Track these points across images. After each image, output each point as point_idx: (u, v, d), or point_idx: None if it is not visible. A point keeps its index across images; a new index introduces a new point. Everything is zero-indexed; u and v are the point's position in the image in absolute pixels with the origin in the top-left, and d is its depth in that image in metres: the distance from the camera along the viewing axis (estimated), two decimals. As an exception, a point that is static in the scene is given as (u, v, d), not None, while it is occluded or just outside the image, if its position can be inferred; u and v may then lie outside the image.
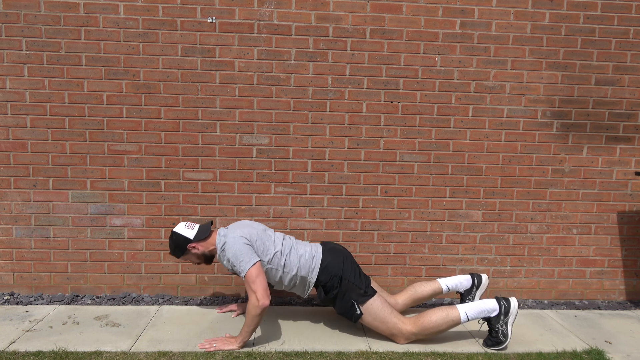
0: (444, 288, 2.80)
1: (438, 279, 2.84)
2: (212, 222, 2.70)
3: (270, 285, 2.63)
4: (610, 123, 3.18)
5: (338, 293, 2.56)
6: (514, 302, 2.51)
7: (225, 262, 2.53)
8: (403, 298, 2.78)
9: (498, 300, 2.51)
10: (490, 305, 2.50)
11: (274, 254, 2.54)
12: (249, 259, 2.42)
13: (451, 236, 3.22)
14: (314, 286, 2.62)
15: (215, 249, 2.58)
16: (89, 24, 2.92)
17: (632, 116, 3.18)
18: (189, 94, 3.01)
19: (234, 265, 2.45)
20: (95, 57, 2.95)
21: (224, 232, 2.57)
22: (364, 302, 2.53)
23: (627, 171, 3.23)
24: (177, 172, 3.07)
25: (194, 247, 2.58)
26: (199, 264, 2.69)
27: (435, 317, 2.49)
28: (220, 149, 3.07)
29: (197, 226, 2.63)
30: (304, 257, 2.58)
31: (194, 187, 3.08)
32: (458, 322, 2.49)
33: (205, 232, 2.61)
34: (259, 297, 2.35)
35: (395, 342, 2.55)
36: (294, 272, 2.56)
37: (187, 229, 2.60)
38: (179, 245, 2.59)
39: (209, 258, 2.66)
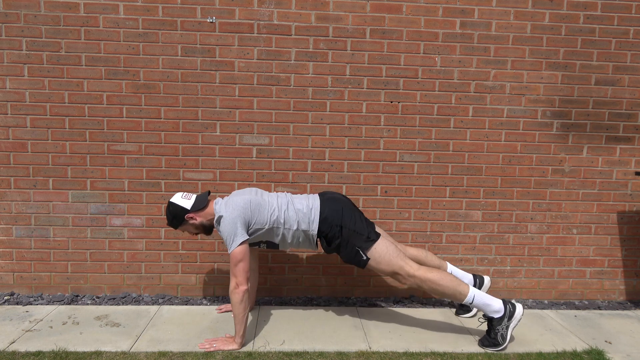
0: (449, 271, 2.80)
1: (448, 263, 2.86)
2: (209, 192, 2.67)
3: (274, 245, 2.63)
4: (610, 123, 3.18)
5: (341, 242, 2.53)
6: (519, 308, 2.50)
7: (220, 233, 2.52)
8: (411, 253, 2.76)
9: (505, 302, 2.50)
10: (496, 305, 2.49)
11: (271, 214, 2.52)
12: (236, 238, 2.41)
13: (451, 236, 3.22)
14: (317, 237, 2.60)
15: (213, 218, 2.57)
16: (89, 24, 2.92)
17: (632, 116, 3.18)
18: (189, 94, 3.01)
19: (224, 239, 2.45)
20: (95, 57, 2.95)
21: (220, 202, 2.55)
22: (368, 247, 2.51)
23: (627, 171, 3.23)
24: (177, 172, 3.07)
25: (191, 218, 2.56)
26: (197, 234, 2.67)
27: (447, 280, 2.49)
28: (220, 149, 3.07)
29: (194, 196, 2.60)
30: (301, 211, 2.55)
31: (194, 187, 3.08)
32: (461, 299, 2.49)
33: (202, 202, 2.58)
34: (239, 282, 2.37)
35: (398, 282, 2.54)
36: (294, 227, 2.55)
37: (184, 199, 2.57)
38: (176, 215, 2.56)
39: (208, 228, 2.63)
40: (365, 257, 2.51)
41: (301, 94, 3.05)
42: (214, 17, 2.95)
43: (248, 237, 2.47)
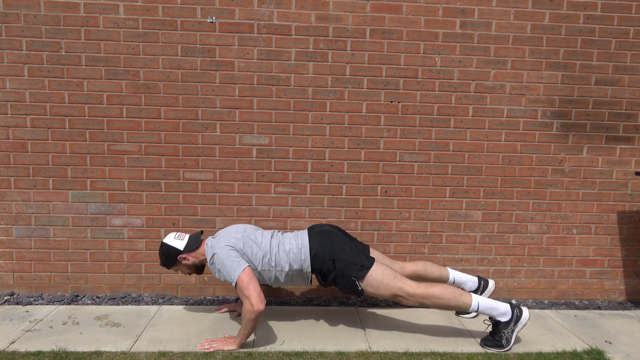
0: (451, 279, 2.80)
1: (449, 268, 2.84)
2: (201, 232, 2.71)
3: (267, 285, 2.63)
4: (610, 123, 3.18)
5: (336, 275, 2.53)
6: (526, 313, 2.50)
7: (217, 274, 2.52)
8: (410, 269, 2.75)
9: (512, 307, 2.50)
10: (502, 308, 2.48)
11: (263, 256, 2.52)
12: (237, 266, 2.40)
13: (451, 236, 3.22)
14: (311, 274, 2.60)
15: (205, 259, 2.58)
16: (89, 24, 2.92)
17: (632, 116, 3.18)
18: (189, 94, 3.01)
19: (225, 276, 2.45)
20: (95, 57, 2.95)
21: (211, 242, 2.55)
22: (363, 276, 2.50)
23: (627, 171, 3.23)
24: (177, 172, 3.07)
25: (184, 258, 2.59)
26: (189, 274, 2.69)
27: (449, 292, 2.48)
28: (220, 149, 3.07)
29: (186, 236, 2.64)
30: (292, 251, 2.55)
31: (194, 187, 3.08)
32: (465, 309, 2.48)
33: (195, 243, 2.61)
34: (254, 302, 2.33)
35: (400, 304, 2.53)
36: (287, 269, 2.54)
37: (176, 240, 2.61)
38: (169, 256, 2.60)
39: (199, 268, 2.66)
40: (360, 288, 2.51)
41: (301, 94, 3.05)
42: (214, 17, 2.95)
43: (248, 264, 2.45)
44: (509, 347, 2.49)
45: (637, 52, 3.13)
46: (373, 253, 2.70)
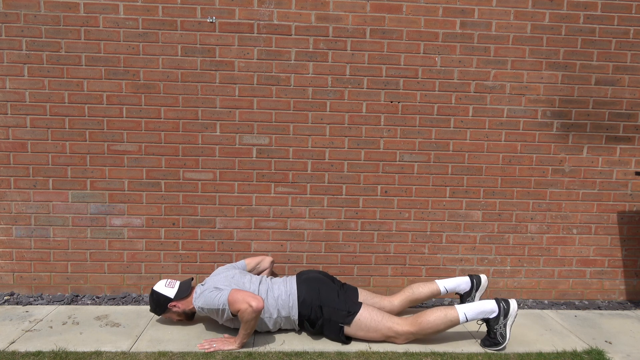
0: (442, 290, 2.79)
1: (436, 281, 2.83)
2: (192, 279, 2.73)
3: (256, 332, 2.61)
4: (610, 123, 3.18)
5: (324, 322, 2.53)
6: (513, 304, 2.50)
7: (207, 313, 2.53)
8: (400, 299, 2.77)
9: (497, 301, 2.50)
10: (489, 307, 2.49)
11: None
12: (223, 292, 2.42)
13: (451, 236, 3.22)
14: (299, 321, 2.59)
15: (195, 307, 2.58)
16: (89, 24, 2.92)
17: (632, 116, 3.18)
18: (189, 94, 3.01)
19: (217, 312, 2.45)
20: (95, 57, 2.95)
21: (199, 290, 2.56)
22: (350, 321, 2.50)
23: (627, 171, 3.23)
24: (177, 172, 3.06)
25: (174, 306, 2.61)
26: (180, 320, 2.70)
27: (434, 317, 2.49)
28: (220, 149, 3.07)
29: (177, 284, 2.66)
30: (280, 298, 2.55)
31: (194, 187, 3.08)
32: (457, 323, 2.49)
33: (185, 291, 2.63)
34: (253, 303, 2.33)
35: (394, 343, 2.55)
36: (275, 315, 2.54)
37: (167, 288, 2.63)
38: (159, 304, 2.62)
39: (189, 315, 2.69)
40: (344, 337, 2.51)
41: (301, 94, 3.05)
42: (214, 17, 2.95)
43: (231, 287, 2.46)
44: (505, 343, 2.49)
45: (637, 52, 3.13)
46: (362, 294, 2.71)
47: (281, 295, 2.57)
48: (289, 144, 3.08)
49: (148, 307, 2.96)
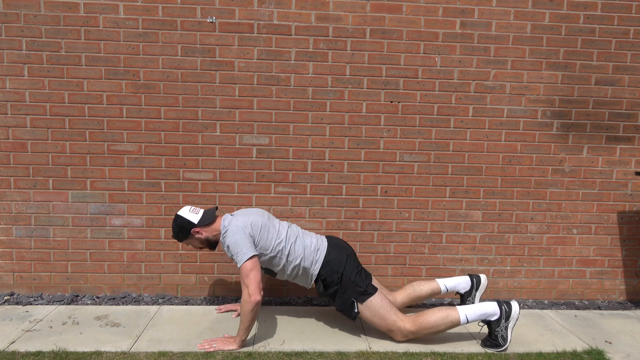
0: (443, 288, 2.79)
1: (437, 279, 2.83)
2: (216, 208, 2.69)
3: (272, 273, 2.63)
4: (610, 123, 3.18)
5: (338, 290, 2.55)
6: (515, 306, 2.49)
7: (225, 249, 2.52)
8: (401, 296, 2.77)
9: (499, 304, 2.49)
10: (491, 309, 2.49)
11: (278, 243, 2.52)
12: (246, 251, 2.40)
13: (451, 236, 3.22)
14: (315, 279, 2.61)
15: (219, 234, 2.57)
16: (89, 24, 2.92)
17: (632, 116, 3.18)
18: (189, 94, 3.01)
19: (232, 254, 2.45)
20: (95, 57, 2.95)
21: (229, 219, 2.54)
22: (363, 300, 2.53)
23: (627, 171, 3.23)
24: (177, 172, 3.07)
25: (197, 232, 2.57)
26: (201, 248, 2.68)
27: (435, 317, 2.49)
28: (220, 149, 3.07)
29: (201, 211, 2.61)
30: (308, 248, 2.56)
31: (194, 187, 3.08)
32: (457, 324, 2.49)
33: (210, 218, 2.58)
34: (251, 292, 2.35)
35: (393, 339, 2.55)
36: (297, 262, 2.55)
37: (191, 213, 2.58)
38: (183, 229, 2.57)
39: (212, 244, 2.64)
40: (356, 310, 2.53)
41: (301, 94, 3.05)
42: (214, 17, 2.95)
43: (256, 253, 2.45)
44: (506, 345, 2.49)
45: (637, 52, 3.13)
46: (374, 282, 2.71)
47: (310, 246, 2.57)
48: (289, 144, 3.08)
49: (148, 307, 2.96)
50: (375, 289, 2.57)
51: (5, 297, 3.04)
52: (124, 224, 3.09)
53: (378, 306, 2.53)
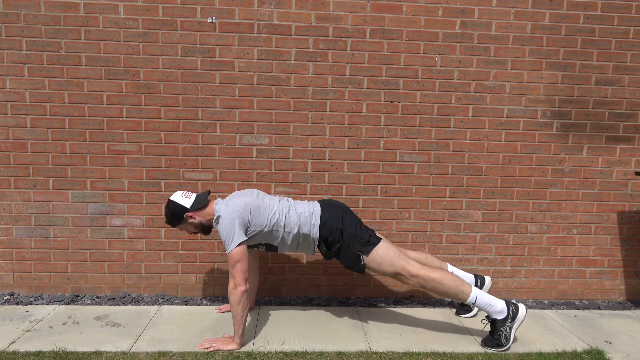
0: (450, 270, 2.79)
1: (448, 264, 2.85)
2: (209, 192, 2.67)
3: (274, 248, 2.63)
4: (610, 123, 3.18)
5: (341, 246, 2.54)
6: (522, 309, 2.50)
7: (219, 234, 2.52)
8: (412, 255, 2.75)
9: (508, 303, 2.49)
10: (499, 305, 2.49)
11: (272, 216, 2.52)
12: (235, 239, 2.40)
13: (451, 236, 3.22)
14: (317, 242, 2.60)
15: (212, 219, 2.56)
16: (89, 24, 2.92)
17: (632, 116, 3.18)
18: (189, 94, 3.01)
19: (223, 240, 2.46)
20: (95, 57, 2.95)
21: (220, 202, 2.55)
22: (368, 251, 2.51)
23: (627, 171, 3.23)
24: (177, 172, 3.07)
25: (190, 217, 2.56)
26: (195, 233, 2.67)
27: (449, 279, 2.49)
28: (220, 149, 3.07)
29: (194, 195, 2.60)
30: (303, 215, 2.56)
31: (194, 187, 3.08)
32: (464, 299, 2.49)
33: (202, 202, 2.57)
34: (237, 282, 2.38)
35: (400, 282, 2.57)
36: (295, 231, 2.55)
37: (184, 198, 2.57)
38: (175, 213, 2.56)
39: (206, 228, 2.63)
40: (363, 263, 2.53)
41: (301, 94, 3.05)
42: (214, 17, 2.95)
43: (246, 238, 2.47)
44: (508, 346, 2.49)
45: (637, 52, 3.13)
46: (379, 235, 2.70)
47: (304, 212, 2.57)
48: (289, 144, 3.08)
49: (148, 307, 2.97)
50: (379, 239, 2.56)
51: (6, 297, 3.05)
52: (124, 224, 3.09)
53: (384, 254, 2.51)
